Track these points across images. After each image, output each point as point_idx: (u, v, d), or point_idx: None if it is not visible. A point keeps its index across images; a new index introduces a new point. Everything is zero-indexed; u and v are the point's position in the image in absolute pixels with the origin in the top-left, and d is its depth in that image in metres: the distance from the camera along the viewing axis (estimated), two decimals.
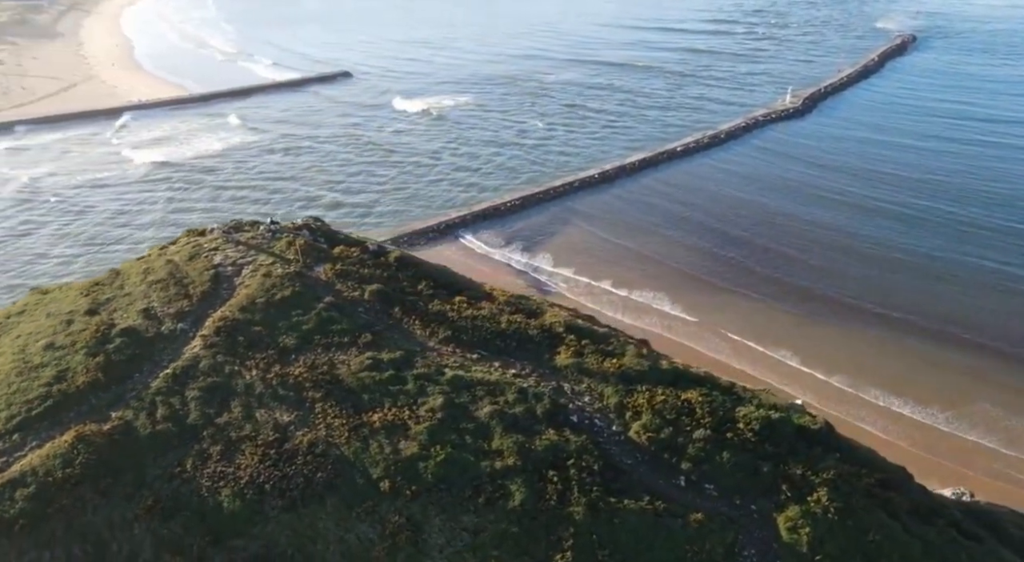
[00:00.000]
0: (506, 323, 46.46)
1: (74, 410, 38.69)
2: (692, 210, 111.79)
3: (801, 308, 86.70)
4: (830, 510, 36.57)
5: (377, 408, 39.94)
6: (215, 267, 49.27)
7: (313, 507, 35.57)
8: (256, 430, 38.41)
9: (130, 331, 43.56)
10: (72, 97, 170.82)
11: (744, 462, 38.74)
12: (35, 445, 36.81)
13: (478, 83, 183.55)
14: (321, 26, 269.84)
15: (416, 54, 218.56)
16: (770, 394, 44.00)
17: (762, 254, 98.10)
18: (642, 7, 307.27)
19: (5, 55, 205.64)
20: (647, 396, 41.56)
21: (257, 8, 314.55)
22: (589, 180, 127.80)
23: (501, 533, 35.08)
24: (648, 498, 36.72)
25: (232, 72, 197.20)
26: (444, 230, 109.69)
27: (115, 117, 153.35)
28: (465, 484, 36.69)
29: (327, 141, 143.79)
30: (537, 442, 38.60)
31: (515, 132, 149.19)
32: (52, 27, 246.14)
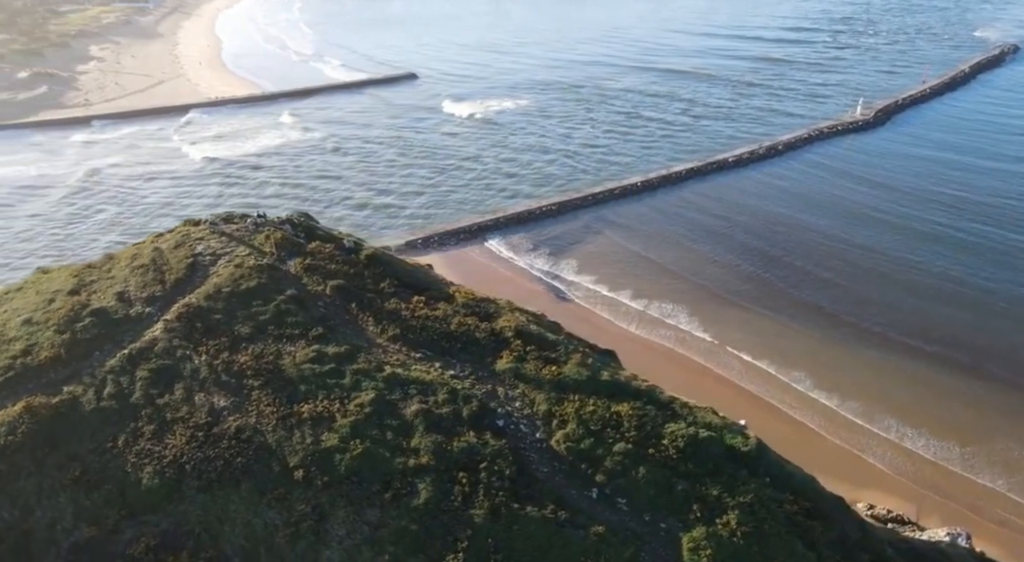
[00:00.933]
0: (456, 325, 46.99)
1: (32, 383, 41.59)
2: (728, 225, 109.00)
3: (826, 333, 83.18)
4: (737, 534, 35.50)
5: (310, 400, 41.19)
6: (194, 256, 51.78)
7: (227, 490, 37.10)
8: (191, 413, 40.33)
9: (100, 312, 46.43)
10: (157, 93, 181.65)
11: (660, 479, 38.02)
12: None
13: (537, 88, 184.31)
14: (399, 29, 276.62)
15: (482, 58, 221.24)
16: (710, 412, 42.82)
17: (794, 275, 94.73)
18: (725, 15, 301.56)
19: (107, 53, 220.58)
20: (577, 405, 41.30)
21: (341, 12, 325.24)
22: (630, 188, 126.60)
23: (400, 530, 35.67)
24: (552, 507, 36.56)
25: (304, 72, 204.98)
26: (475, 232, 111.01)
27: (184, 113, 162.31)
28: (375, 479, 37.46)
29: (374, 142, 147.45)
30: (455, 443, 38.99)
31: (564, 138, 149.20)
32: (154, 28, 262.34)
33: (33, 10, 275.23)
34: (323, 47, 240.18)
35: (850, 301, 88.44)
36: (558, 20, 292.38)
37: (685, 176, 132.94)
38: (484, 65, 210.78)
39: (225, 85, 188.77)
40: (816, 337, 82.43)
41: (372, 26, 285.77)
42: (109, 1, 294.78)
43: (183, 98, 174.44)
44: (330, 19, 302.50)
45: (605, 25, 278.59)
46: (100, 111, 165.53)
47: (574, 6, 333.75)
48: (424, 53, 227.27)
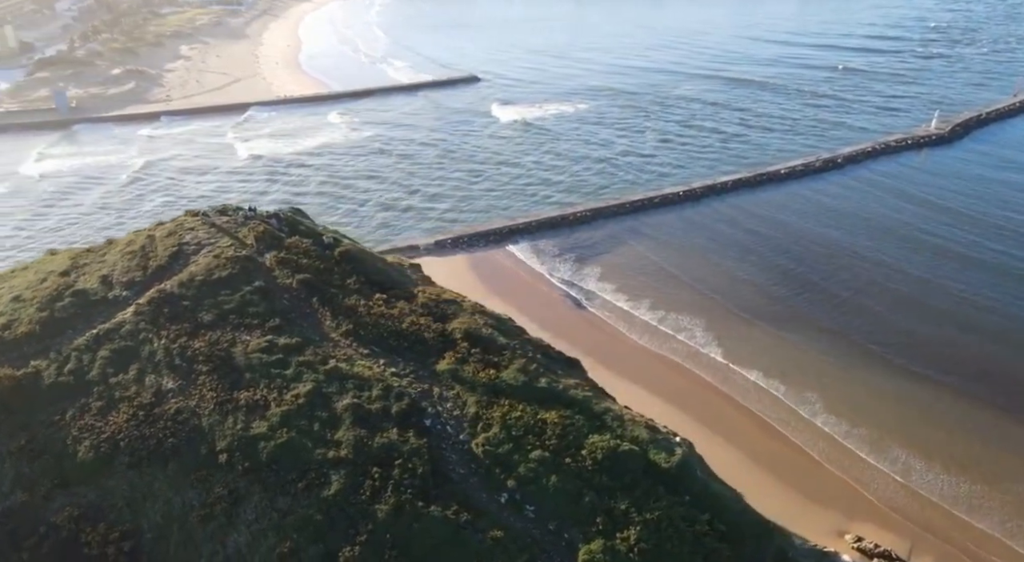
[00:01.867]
0: (408, 324, 47.73)
1: (5, 355, 44.78)
2: (760, 242, 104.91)
3: (847, 360, 78.13)
4: (635, 550, 34.79)
5: (251, 388, 42.80)
6: (180, 245, 54.45)
7: (155, 468, 39.03)
8: (138, 392, 42.59)
9: (81, 293, 49.55)
10: (231, 91, 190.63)
11: (570, 489, 37.62)
12: None
13: (595, 94, 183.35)
14: (472, 32, 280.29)
15: (548, 62, 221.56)
16: (643, 426, 41.88)
17: (821, 298, 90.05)
18: (809, 21, 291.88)
19: (195, 53, 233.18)
20: (505, 410, 41.32)
21: (418, 15, 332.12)
22: (670, 197, 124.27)
23: (306, 518, 36.68)
24: (457, 508, 36.75)
25: (369, 73, 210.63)
26: (506, 235, 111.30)
27: (244, 111, 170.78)
28: (293, 468, 38.62)
29: (417, 143, 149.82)
30: (376, 439, 39.72)
31: (612, 144, 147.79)
32: (242, 30, 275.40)
33: (137, 12, 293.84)
34: (392, 49, 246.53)
35: (879, 329, 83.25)
36: (633, 25, 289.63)
37: (731, 187, 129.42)
38: (547, 69, 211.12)
39: (296, 84, 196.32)
40: (834, 363, 78.14)
41: (446, 29, 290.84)
42: (206, 4, 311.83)
43: (255, 96, 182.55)
44: (406, 22, 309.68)
45: (678, 31, 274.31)
46: (178, 107, 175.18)
47: (655, 11, 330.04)
48: (490, 56, 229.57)
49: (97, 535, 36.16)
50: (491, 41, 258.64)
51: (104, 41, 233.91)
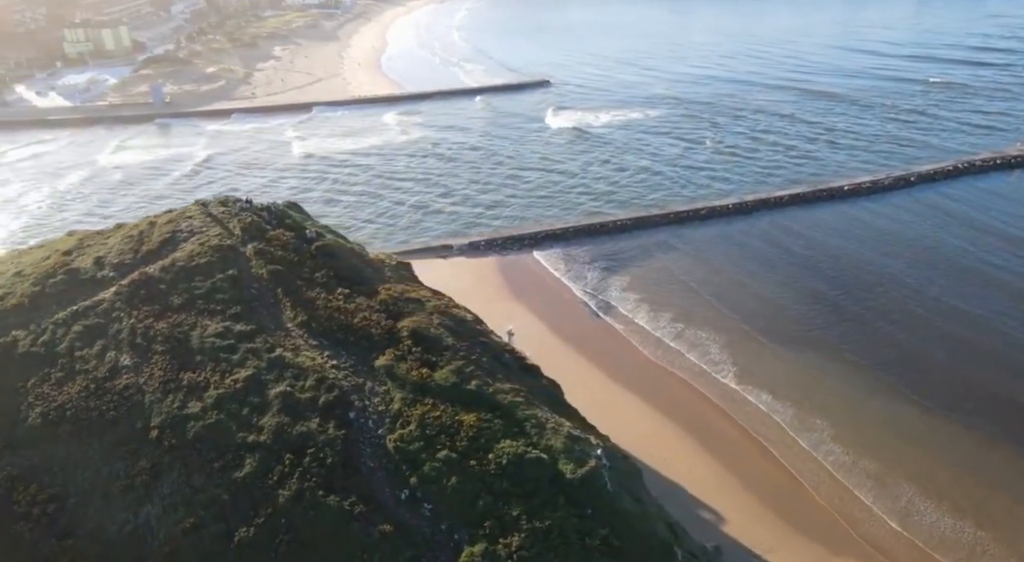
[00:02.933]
0: (360, 319, 48.78)
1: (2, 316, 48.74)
2: (798, 262, 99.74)
3: (861, 392, 72.88)
4: (514, 556, 34.46)
5: (197, 369, 44.92)
6: (174, 232, 57.57)
7: (93, 438, 41.63)
8: (96, 366, 45.50)
9: (73, 271, 53.28)
10: (311, 90, 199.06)
11: (468, 491, 37.60)
12: None
13: (662, 102, 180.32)
14: (556, 37, 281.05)
15: (619, 69, 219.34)
16: (563, 436, 41.14)
17: (853, 327, 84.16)
18: (915, 30, 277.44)
19: (286, 54, 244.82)
20: (426, 409, 41.70)
21: (502, 19, 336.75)
22: (720, 210, 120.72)
23: (214, 497, 38.29)
24: (355, 500, 37.39)
25: (441, 76, 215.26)
26: (540, 240, 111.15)
27: (309, 111, 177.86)
28: (214, 448, 40.34)
29: (467, 147, 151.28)
30: (296, 427, 40.91)
31: (665, 154, 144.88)
32: (333, 32, 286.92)
33: (242, 15, 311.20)
34: (468, 53, 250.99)
35: (907, 365, 76.70)
36: (722, 34, 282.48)
37: (786, 202, 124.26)
38: (618, 76, 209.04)
39: (371, 85, 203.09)
40: (849, 396, 72.73)
41: (527, 33, 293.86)
42: (306, 8, 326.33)
43: (332, 96, 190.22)
44: (488, 26, 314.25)
45: (766, 39, 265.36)
46: (253, 105, 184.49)
47: (750, 19, 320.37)
48: (564, 62, 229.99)
49: (27, 495, 38.91)
50: (569, 47, 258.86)
51: (206, 42, 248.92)
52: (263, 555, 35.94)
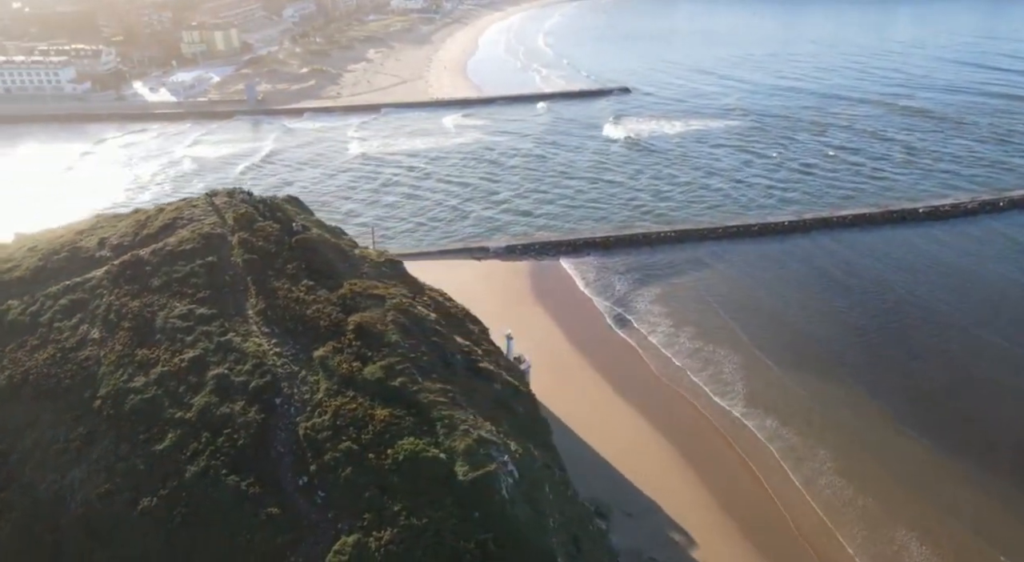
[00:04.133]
0: (313, 311, 50.35)
1: (2, 291, 53.46)
2: (836, 290, 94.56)
3: (872, 434, 68.63)
4: (382, 550, 34.90)
5: (153, 347, 47.78)
6: (175, 219, 61.21)
7: (45, 402, 45.11)
8: (68, 338, 49.19)
9: (76, 250, 57.63)
10: (393, 91, 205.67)
11: (360, 483, 38.31)
12: None
13: (734, 114, 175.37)
14: (644, 45, 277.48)
15: (701, 79, 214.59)
16: (473, 439, 40.99)
17: (872, 358, 79.66)
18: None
19: (379, 56, 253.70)
20: (345, 401, 42.69)
21: (594, 26, 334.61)
22: (774, 227, 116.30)
23: (132, 467, 40.81)
24: (253, 482, 38.87)
25: (518, 80, 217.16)
26: (580, 247, 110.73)
27: (377, 112, 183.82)
28: (145, 421, 42.89)
29: (519, 154, 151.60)
30: (221, 408, 42.87)
31: (729, 167, 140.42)
32: (428, 36, 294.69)
33: (347, 18, 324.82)
34: (550, 58, 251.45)
35: (928, 408, 71.23)
36: (823, 44, 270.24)
37: (849, 222, 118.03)
38: (698, 86, 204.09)
39: (453, 88, 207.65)
40: (857, 434, 68.20)
41: (618, 40, 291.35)
42: (407, 12, 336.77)
43: (413, 97, 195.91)
44: (578, 32, 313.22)
45: (870, 50, 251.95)
46: (345, 104, 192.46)
47: (864, 29, 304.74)
48: (646, 69, 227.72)
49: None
50: (656, 55, 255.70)
51: (306, 43, 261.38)
52: (160, 525, 37.94)
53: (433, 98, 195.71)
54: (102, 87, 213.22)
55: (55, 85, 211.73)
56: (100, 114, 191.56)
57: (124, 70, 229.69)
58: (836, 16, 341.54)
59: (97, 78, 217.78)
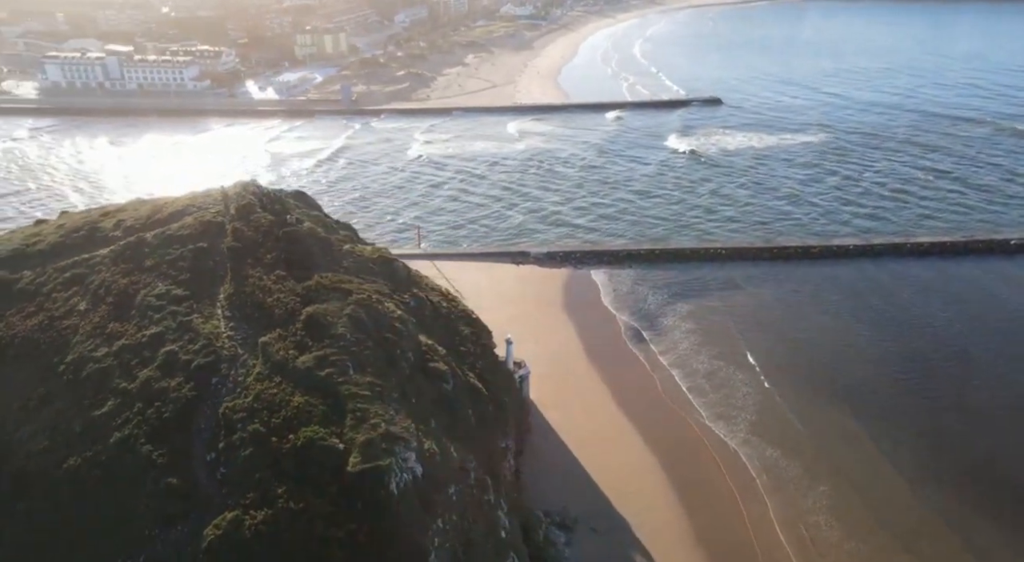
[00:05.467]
0: (272, 300, 52.73)
1: (18, 263, 59.21)
2: (879, 324, 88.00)
3: (877, 492, 62.79)
4: (253, 528, 36.59)
5: (125, 322, 51.69)
6: (186, 206, 65.62)
7: (25, 363, 49.74)
8: (59, 307, 53.93)
9: (94, 230, 62.87)
10: (480, 95, 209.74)
11: (256, 463, 40.11)
12: None
13: (819, 128, 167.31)
14: (756, 54, 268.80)
15: (793, 91, 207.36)
16: (380, 435, 41.74)
17: (899, 405, 73.28)
18: None
19: (476, 61, 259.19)
20: (267, 386, 44.64)
21: (692, 35, 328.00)
22: (836, 250, 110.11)
23: (69, 428, 44.52)
24: (162, 452, 41.52)
25: (605, 88, 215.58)
26: (622, 258, 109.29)
27: (448, 115, 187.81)
28: (95, 388, 46.57)
29: (574, 161, 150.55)
30: (160, 382, 45.89)
31: (796, 185, 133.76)
32: (530, 42, 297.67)
33: (455, 24, 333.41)
34: (641, 67, 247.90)
35: (949, 469, 64.51)
36: (945, 56, 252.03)
37: (925, 250, 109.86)
38: (788, 99, 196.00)
39: (541, 93, 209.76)
40: (858, 487, 63.04)
41: (718, 50, 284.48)
42: (515, 19, 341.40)
43: (499, 101, 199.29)
44: (680, 41, 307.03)
45: (996, 66, 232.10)
46: (421, 106, 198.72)
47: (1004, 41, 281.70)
48: (737, 80, 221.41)
49: None
50: (755, 65, 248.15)
51: (408, 47, 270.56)
52: (77, 484, 41.17)
53: (514, 104, 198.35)
54: (219, 85, 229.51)
55: (179, 82, 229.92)
56: (210, 109, 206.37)
57: (241, 70, 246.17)
58: (989, 27, 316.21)
59: (216, 77, 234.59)
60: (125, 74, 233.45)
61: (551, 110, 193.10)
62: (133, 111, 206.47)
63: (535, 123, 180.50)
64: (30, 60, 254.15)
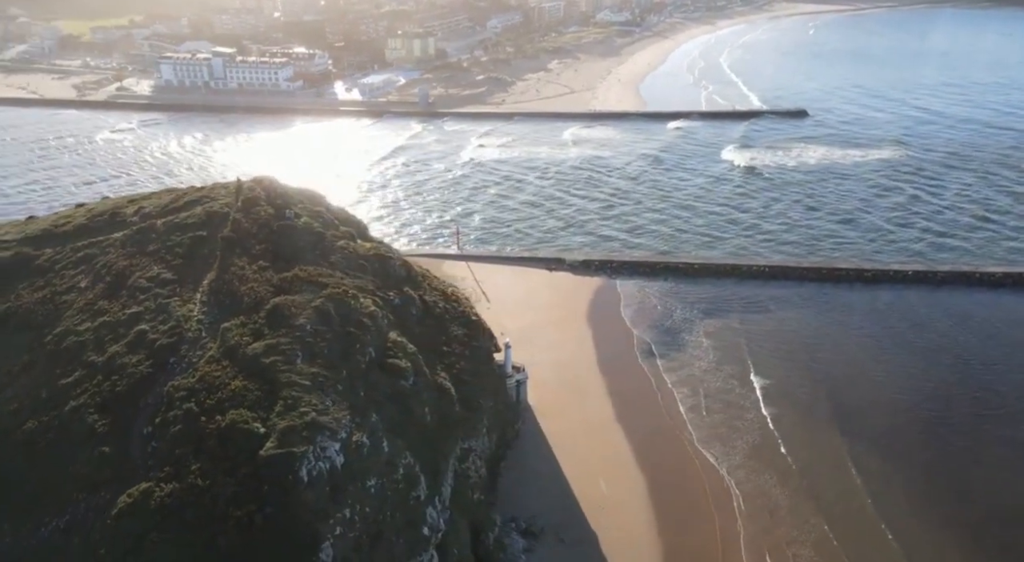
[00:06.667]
0: (246, 288, 55.30)
1: (43, 241, 64.72)
2: (918, 363, 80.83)
3: (864, 538, 58.19)
4: (160, 499, 39.00)
5: (114, 300, 55.61)
6: (202, 197, 69.71)
7: (20, 332, 54.49)
8: (62, 283, 58.63)
9: (116, 214, 67.85)
10: (556, 101, 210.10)
11: (180, 440, 42.44)
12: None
13: (894, 143, 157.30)
14: (854, 64, 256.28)
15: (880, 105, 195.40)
16: (304, 423, 43.06)
17: (921, 458, 67.19)
18: None
19: (559, 67, 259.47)
20: (214, 368, 47.01)
21: (798, 42, 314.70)
22: (894, 275, 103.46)
23: (39, 393, 48.47)
24: (104, 421, 44.56)
25: (683, 96, 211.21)
26: (658, 271, 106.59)
27: (510, 120, 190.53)
28: (70, 359, 50.46)
29: (626, 171, 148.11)
30: (122, 358, 49.20)
31: (851, 204, 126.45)
32: (619, 49, 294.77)
33: (548, 30, 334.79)
34: (723, 76, 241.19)
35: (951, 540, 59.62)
36: None
37: (998, 281, 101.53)
38: (871, 113, 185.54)
39: (616, 101, 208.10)
40: (848, 538, 58.97)
41: (820, 59, 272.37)
42: (609, 25, 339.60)
43: (570, 108, 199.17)
44: (775, 50, 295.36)
45: None
46: (497, 110, 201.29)
47: None
48: (825, 90, 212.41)
49: None
50: (850, 75, 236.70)
51: (494, 52, 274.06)
52: (32, 445, 44.85)
53: (587, 110, 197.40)
54: (310, 85, 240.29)
55: (274, 82, 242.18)
56: (298, 108, 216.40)
57: (332, 71, 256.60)
58: None
59: (308, 77, 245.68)
60: (227, 74, 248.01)
61: (613, 117, 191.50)
62: (229, 108, 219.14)
63: (592, 130, 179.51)
64: (151, 60, 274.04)
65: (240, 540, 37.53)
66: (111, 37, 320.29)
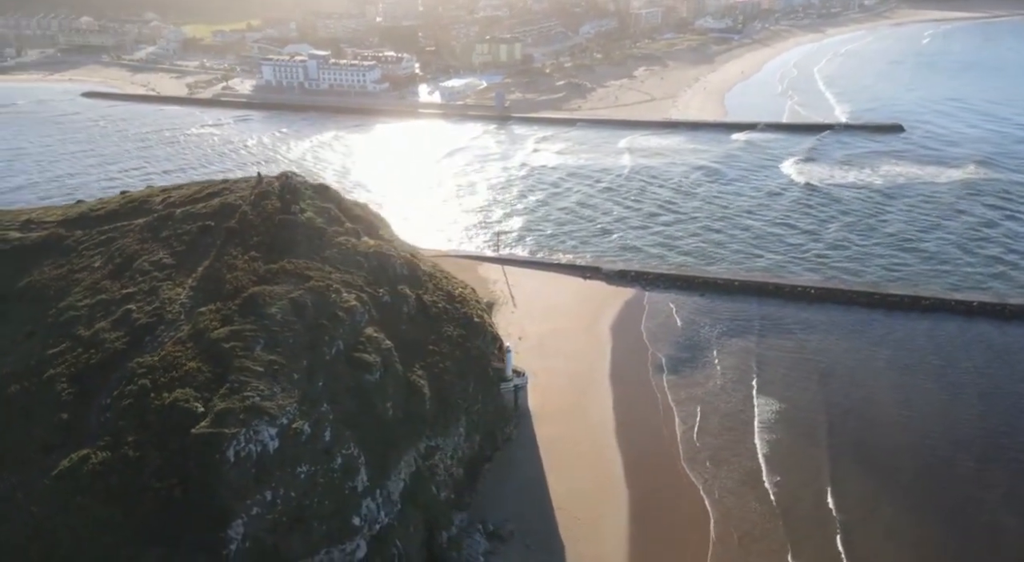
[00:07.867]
0: (230, 280, 57.92)
1: (77, 224, 70.16)
2: (941, 406, 74.85)
3: None
4: (90, 468, 41.51)
5: (117, 281, 59.76)
6: (222, 190, 73.56)
7: (30, 305, 59.28)
8: (78, 263, 63.37)
9: (144, 202, 72.69)
10: (635, 108, 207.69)
11: (127, 414, 45.20)
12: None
13: (975, 163, 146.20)
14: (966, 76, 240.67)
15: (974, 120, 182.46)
16: (240, 411, 44.90)
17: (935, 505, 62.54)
18: None
19: (645, 74, 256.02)
20: (177, 349, 49.83)
21: (911, 51, 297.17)
22: (953, 305, 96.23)
23: (27, 361, 52.67)
24: (75, 393, 48.00)
25: (772, 107, 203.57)
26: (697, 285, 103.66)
27: (572, 126, 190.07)
28: (61, 332, 54.68)
29: (676, 182, 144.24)
30: (105, 333, 52.85)
31: (913, 227, 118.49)
32: (712, 57, 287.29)
33: (642, 36, 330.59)
34: (811, 87, 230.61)
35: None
36: None
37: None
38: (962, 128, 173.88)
39: (697, 110, 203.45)
40: None
41: (929, 70, 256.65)
42: (707, 32, 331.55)
43: (643, 116, 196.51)
44: (881, 60, 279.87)
45: None
46: (580, 116, 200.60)
47: None
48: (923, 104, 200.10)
49: None
50: (952, 88, 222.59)
51: (580, 58, 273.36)
52: (10, 406, 48.76)
53: (664, 119, 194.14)
54: (396, 88, 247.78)
55: (362, 84, 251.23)
56: (380, 109, 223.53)
57: (417, 74, 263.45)
58: None
59: (395, 80, 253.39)
60: (320, 75, 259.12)
61: (681, 127, 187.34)
62: (317, 108, 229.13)
63: (655, 139, 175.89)
64: (256, 62, 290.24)
65: (156, 510, 39.70)
66: (228, 40, 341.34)
